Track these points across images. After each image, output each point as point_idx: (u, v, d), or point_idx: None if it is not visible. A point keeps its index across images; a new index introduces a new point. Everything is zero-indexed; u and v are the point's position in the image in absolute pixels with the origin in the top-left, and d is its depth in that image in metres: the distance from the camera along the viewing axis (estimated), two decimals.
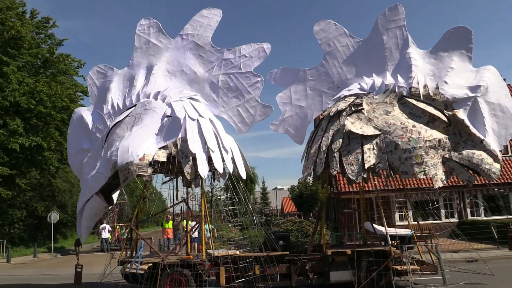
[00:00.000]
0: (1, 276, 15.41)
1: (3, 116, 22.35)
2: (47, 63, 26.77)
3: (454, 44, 10.88)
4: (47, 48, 27.02)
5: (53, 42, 28.04)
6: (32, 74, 25.41)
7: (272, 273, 10.08)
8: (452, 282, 10.00)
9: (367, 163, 10.04)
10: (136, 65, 12.00)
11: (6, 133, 21.47)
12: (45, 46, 27.57)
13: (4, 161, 21.82)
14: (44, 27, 27.67)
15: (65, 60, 27.53)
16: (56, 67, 26.60)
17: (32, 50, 25.21)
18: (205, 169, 10.11)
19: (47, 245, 25.71)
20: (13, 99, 22.23)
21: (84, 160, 11.73)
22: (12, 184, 22.75)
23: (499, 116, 10.39)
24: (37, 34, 27.13)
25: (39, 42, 26.99)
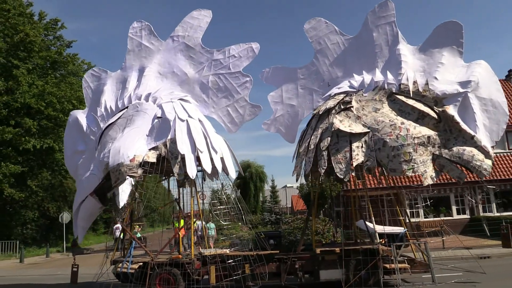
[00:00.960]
0: (14, 276, 15.76)
1: (15, 117, 22.83)
2: (56, 64, 27.17)
3: (445, 39, 10.70)
4: (55, 50, 27.48)
5: (61, 43, 28.47)
6: (41, 75, 25.83)
7: (262, 272, 10.13)
8: (444, 281, 9.88)
9: (355, 161, 9.99)
10: (128, 68, 12.19)
11: (20, 132, 21.94)
12: (54, 48, 27.98)
13: (16, 161, 22.38)
14: (52, 28, 28.09)
15: (73, 60, 27.94)
16: (65, 68, 27.05)
17: (42, 53, 25.64)
18: (193, 169, 10.23)
19: (59, 245, 26.32)
20: (24, 100, 22.69)
21: (79, 162, 12.00)
22: (24, 186, 23.33)
23: (490, 112, 10.19)
24: (45, 36, 27.51)
25: (48, 44, 27.41)
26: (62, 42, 28.58)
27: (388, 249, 9.82)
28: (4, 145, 21.21)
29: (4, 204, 23.36)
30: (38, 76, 24.83)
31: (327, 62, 11.94)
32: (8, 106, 22.27)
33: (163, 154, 10.49)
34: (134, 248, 11.00)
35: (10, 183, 21.34)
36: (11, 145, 21.22)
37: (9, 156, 21.26)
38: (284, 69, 12.55)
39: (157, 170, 10.62)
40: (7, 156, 21.28)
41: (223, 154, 11.00)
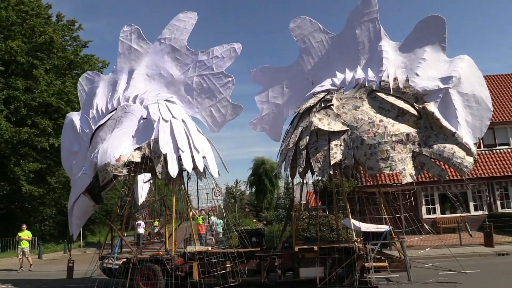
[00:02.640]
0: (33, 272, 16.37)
1: (32, 117, 23.65)
2: (72, 64, 27.87)
3: (427, 34, 10.49)
4: (72, 50, 28.20)
5: (78, 44, 29.23)
6: (59, 75, 26.54)
7: (243, 269, 10.29)
8: (424, 280, 9.77)
9: (333, 159, 9.98)
10: (119, 70, 12.60)
11: (36, 132, 22.91)
12: (70, 48, 28.70)
13: (34, 159, 23.39)
14: (69, 29, 28.87)
15: (89, 60, 28.65)
16: (81, 68, 27.72)
17: (59, 53, 26.34)
18: (175, 168, 10.51)
19: (76, 241, 27.30)
20: (42, 100, 23.44)
21: (73, 162, 12.52)
22: (42, 182, 24.28)
23: (473, 108, 9.93)
24: (62, 36, 28.23)
25: (65, 45, 28.14)
26: (79, 43, 29.34)
27: (363, 247, 9.75)
28: (21, 144, 22.08)
29: (23, 201, 24.39)
30: (55, 76, 25.53)
31: (311, 61, 11.94)
32: (26, 105, 23.06)
33: (147, 154, 10.83)
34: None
35: (28, 180, 22.26)
36: (28, 144, 22.11)
37: (27, 154, 22.16)
38: (271, 69, 12.64)
39: (143, 170, 11.01)
40: (25, 154, 22.19)
41: (206, 154, 11.23)
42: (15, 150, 22.03)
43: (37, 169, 22.17)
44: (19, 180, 21.63)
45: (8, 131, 20.92)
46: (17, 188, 22.31)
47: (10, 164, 21.56)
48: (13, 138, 21.07)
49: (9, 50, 22.66)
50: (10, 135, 20.94)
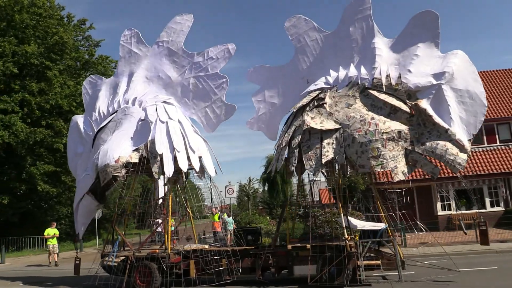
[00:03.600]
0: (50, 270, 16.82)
1: (46, 118, 24.33)
2: (87, 65, 28.47)
3: (421, 30, 10.35)
4: (87, 51, 28.80)
5: (90, 43, 29.85)
6: (73, 76, 27.16)
7: (239, 266, 10.45)
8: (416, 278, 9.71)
9: (325, 157, 10.02)
10: (120, 74, 12.95)
11: (51, 134, 23.61)
12: (83, 48, 29.31)
13: (49, 160, 24.15)
14: (81, 29, 29.46)
15: (103, 61, 29.22)
16: (95, 69, 28.26)
17: (73, 54, 26.91)
18: (170, 168, 10.77)
19: (92, 240, 28.13)
20: (55, 102, 24.12)
21: (78, 163, 12.97)
22: (58, 182, 25.02)
23: (467, 103, 9.77)
24: (74, 37, 28.77)
25: (77, 46, 28.70)
26: (91, 42, 29.90)
27: (353, 246, 9.74)
28: (37, 145, 22.81)
29: (39, 200, 25.25)
30: (69, 76, 26.11)
31: (306, 60, 11.95)
32: (40, 107, 23.75)
33: (145, 155, 11.13)
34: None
35: (44, 180, 22.97)
36: (43, 145, 22.85)
37: (42, 155, 22.91)
38: (267, 68, 12.71)
39: (141, 170, 11.32)
40: (40, 155, 22.94)
41: (202, 154, 11.44)
42: (31, 150, 22.71)
43: (52, 171, 22.87)
44: (35, 180, 22.35)
45: (24, 131, 21.61)
46: (34, 188, 23.07)
47: (26, 164, 22.28)
48: (29, 139, 21.74)
49: (24, 53, 23.34)
50: (26, 136, 21.64)
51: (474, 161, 24.60)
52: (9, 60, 22.98)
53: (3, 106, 21.90)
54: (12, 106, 22.32)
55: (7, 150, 22.10)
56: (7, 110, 22.07)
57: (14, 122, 21.45)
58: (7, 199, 21.34)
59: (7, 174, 22.88)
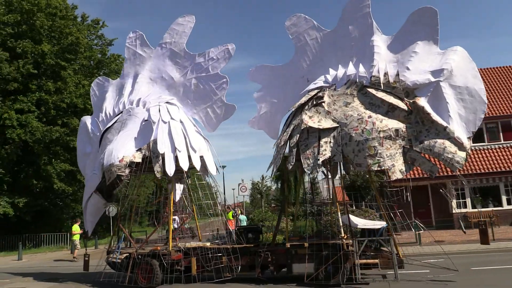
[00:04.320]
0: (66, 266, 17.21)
1: (62, 117, 24.88)
2: (100, 63, 29.00)
3: (419, 26, 10.22)
4: (99, 49, 29.33)
5: (103, 42, 30.40)
6: (87, 75, 27.66)
7: (238, 264, 10.61)
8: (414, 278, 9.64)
9: (322, 156, 10.05)
10: (125, 75, 13.27)
11: (67, 131, 24.13)
12: (96, 47, 29.85)
13: (65, 158, 24.80)
14: (94, 28, 30.07)
15: (116, 60, 29.65)
16: (108, 68, 28.77)
17: (86, 53, 27.46)
18: (172, 167, 11.01)
19: (106, 237, 28.79)
20: (70, 101, 24.76)
21: (86, 162, 13.38)
22: (73, 180, 25.70)
23: (467, 101, 9.60)
24: (88, 36, 29.30)
25: (91, 45, 29.27)
26: (104, 41, 30.42)
27: (350, 244, 9.73)
28: (53, 143, 23.39)
29: (55, 197, 26.01)
30: (83, 76, 26.69)
31: (306, 58, 11.97)
32: (56, 106, 24.35)
33: (148, 154, 11.40)
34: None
35: (60, 178, 23.63)
36: (59, 144, 23.49)
37: (58, 153, 23.57)
38: (269, 67, 12.79)
39: (144, 170, 11.59)
40: (56, 153, 23.60)
41: (203, 153, 11.64)
42: (48, 149, 23.34)
43: (68, 170, 23.50)
44: (51, 178, 23.05)
45: (39, 130, 22.25)
46: (50, 186, 23.74)
47: (42, 162, 22.92)
48: (45, 137, 22.38)
49: (40, 53, 23.99)
50: (42, 134, 22.28)
51: (491, 158, 24.09)
52: (29, 61, 23.68)
53: (20, 106, 22.55)
54: (29, 106, 22.97)
55: (24, 149, 22.78)
56: (24, 109, 22.73)
57: (29, 121, 22.09)
58: (24, 198, 22.07)
59: (25, 172, 23.62)
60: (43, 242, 24.69)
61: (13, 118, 21.92)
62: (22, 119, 22.27)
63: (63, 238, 25.21)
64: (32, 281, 12.47)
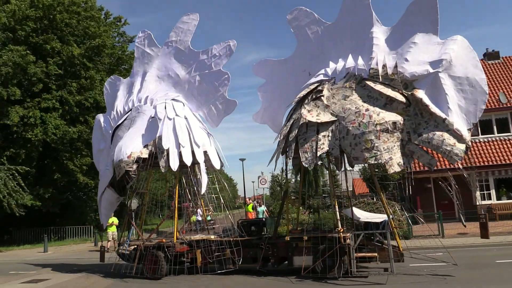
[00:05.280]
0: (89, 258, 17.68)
1: (84, 114, 25.36)
2: (120, 60, 29.47)
3: (419, 16, 10.01)
4: (119, 47, 29.84)
5: (124, 39, 30.91)
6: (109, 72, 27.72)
7: (241, 256, 10.88)
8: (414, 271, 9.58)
9: (320, 150, 10.09)
10: (135, 74, 13.73)
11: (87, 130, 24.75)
12: (117, 44, 30.34)
13: (87, 154, 25.36)
14: (116, 25, 30.67)
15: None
16: (129, 63, 28.90)
17: (108, 50, 27.95)
18: (176, 162, 11.37)
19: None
20: (93, 100, 25.33)
21: (100, 158, 13.99)
22: (96, 174, 26.42)
23: (467, 91, 9.35)
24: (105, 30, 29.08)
25: (113, 42, 29.72)
26: (125, 38, 30.97)
27: (347, 237, 9.75)
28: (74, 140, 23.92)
29: (78, 191, 27.02)
30: (106, 73, 27.19)
31: (308, 52, 11.97)
32: (80, 104, 25.02)
33: (154, 150, 11.82)
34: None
35: (83, 172, 24.48)
36: (80, 140, 24.39)
37: (79, 149, 24.49)
38: (272, 62, 12.88)
39: (150, 165, 12.02)
40: (78, 149, 24.40)
41: (207, 148, 11.93)
42: (69, 145, 24.12)
43: (89, 164, 24.36)
44: (74, 173, 23.94)
45: (60, 129, 23.09)
46: (74, 180, 24.64)
47: (64, 158, 23.83)
48: (66, 136, 23.26)
49: (70, 55, 24.85)
50: (62, 134, 23.15)
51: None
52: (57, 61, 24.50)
53: (46, 104, 23.42)
54: (53, 103, 23.79)
55: (46, 144, 23.60)
56: (49, 107, 23.61)
57: (51, 120, 22.99)
58: (49, 192, 23.14)
59: (48, 167, 24.71)
60: (67, 235, 25.67)
61: (36, 117, 22.75)
62: (46, 117, 23.16)
63: (87, 231, 26.04)
64: (57, 273, 13.04)
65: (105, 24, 29.44)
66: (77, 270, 13.29)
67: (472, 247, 13.83)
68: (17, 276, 12.49)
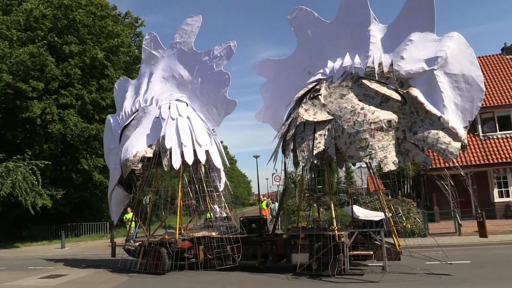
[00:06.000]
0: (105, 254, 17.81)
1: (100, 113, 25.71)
2: (137, 59, 29.46)
3: (415, 13, 9.93)
4: (136, 46, 30.38)
5: (140, 39, 31.13)
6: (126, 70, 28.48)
7: (240, 253, 11.10)
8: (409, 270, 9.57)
9: (316, 148, 10.19)
10: (142, 75, 14.15)
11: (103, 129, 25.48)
12: (133, 44, 30.91)
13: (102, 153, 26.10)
14: (134, 26, 31.39)
15: None
16: None
17: (124, 49, 28.50)
18: (178, 161, 11.71)
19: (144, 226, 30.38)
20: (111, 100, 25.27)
21: (110, 158, 14.51)
22: None
23: (463, 89, 9.24)
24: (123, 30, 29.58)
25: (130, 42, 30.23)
26: (141, 38, 31.06)
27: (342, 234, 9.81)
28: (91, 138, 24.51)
29: (94, 188, 27.61)
30: (123, 71, 27.71)
31: (308, 51, 12.04)
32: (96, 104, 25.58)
33: (158, 150, 12.19)
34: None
35: (98, 170, 25.04)
36: (96, 138, 25.01)
37: (95, 147, 25.16)
38: (274, 61, 13.02)
39: (154, 164, 12.40)
40: (94, 148, 25.00)
41: (208, 147, 12.20)
42: (86, 143, 24.77)
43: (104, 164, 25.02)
44: (89, 171, 24.61)
45: (78, 127, 23.74)
46: (89, 177, 25.27)
47: (80, 157, 24.54)
48: (84, 133, 23.88)
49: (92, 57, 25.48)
50: (80, 131, 23.79)
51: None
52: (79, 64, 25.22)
53: (64, 100, 24.03)
54: (71, 100, 24.42)
55: (64, 142, 24.23)
56: (67, 104, 24.23)
57: (70, 117, 23.62)
58: (64, 190, 23.93)
59: (65, 164, 25.47)
60: (84, 231, 26.39)
61: (54, 113, 23.29)
62: (64, 114, 23.77)
63: (102, 227, 26.70)
64: (74, 268, 13.36)
65: (123, 24, 30.09)
66: (92, 266, 13.67)
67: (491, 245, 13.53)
68: (36, 272, 12.88)
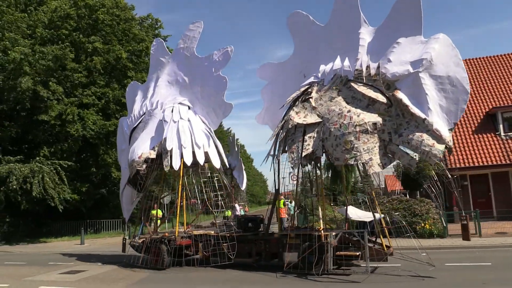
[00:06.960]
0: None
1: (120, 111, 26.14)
2: None
3: (403, 15, 9.95)
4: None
5: None
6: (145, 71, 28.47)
7: (238, 251, 11.52)
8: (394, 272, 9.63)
9: (305, 151, 10.42)
10: (150, 80, 14.86)
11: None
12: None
13: None
14: (154, 28, 32.29)
15: None
16: None
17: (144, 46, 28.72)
18: (178, 162, 12.28)
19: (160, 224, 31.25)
20: None
21: (121, 158, 15.32)
22: None
23: (448, 90, 9.19)
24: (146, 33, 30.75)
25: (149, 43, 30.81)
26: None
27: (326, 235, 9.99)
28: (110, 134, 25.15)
29: (112, 186, 28.52)
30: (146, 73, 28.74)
31: (304, 54, 12.25)
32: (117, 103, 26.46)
33: (160, 151, 12.82)
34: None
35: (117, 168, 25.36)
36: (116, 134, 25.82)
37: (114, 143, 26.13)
38: (273, 65, 13.34)
39: (157, 165, 13.04)
40: (114, 144, 26.04)
41: (208, 149, 12.69)
42: (106, 139, 25.64)
43: None
44: (109, 167, 25.60)
45: (97, 124, 24.67)
46: (108, 175, 26.26)
47: (100, 152, 25.50)
48: (103, 130, 24.84)
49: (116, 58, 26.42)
50: (99, 128, 24.73)
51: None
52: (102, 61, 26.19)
53: (86, 100, 25.07)
54: (93, 99, 25.39)
55: (84, 139, 25.17)
56: (88, 103, 25.22)
57: (89, 116, 24.57)
58: (85, 187, 25.07)
59: (85, 161, 26.56)
60: (102, 228, 27.36)
61: (74, 113, 24.04)
62: (84, 114, 24.70)
63: (120, 224, 27.44)
64: (93, 264, 13.72)
65: (142, 24, 31.04)
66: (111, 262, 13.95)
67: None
68: (56, 267, 13.34)
